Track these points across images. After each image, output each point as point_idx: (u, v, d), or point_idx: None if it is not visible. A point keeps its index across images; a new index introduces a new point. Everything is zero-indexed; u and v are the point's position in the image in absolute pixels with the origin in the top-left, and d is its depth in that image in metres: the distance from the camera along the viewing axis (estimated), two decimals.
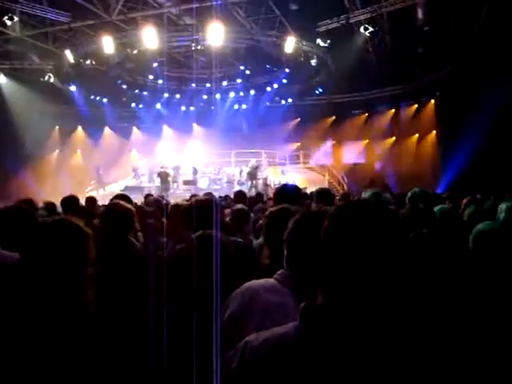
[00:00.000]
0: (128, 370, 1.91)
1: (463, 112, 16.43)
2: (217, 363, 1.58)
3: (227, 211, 5.05)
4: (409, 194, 4.60)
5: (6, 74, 19.80)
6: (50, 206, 6.30)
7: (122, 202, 3.92)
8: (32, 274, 1.80)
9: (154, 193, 16.21)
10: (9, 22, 14.93)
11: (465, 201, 5.77)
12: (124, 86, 23.19)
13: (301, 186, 7.97)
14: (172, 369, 2.05)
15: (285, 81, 22.55)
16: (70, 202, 5.03)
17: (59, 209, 5.98)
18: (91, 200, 7.19)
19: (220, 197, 10.31)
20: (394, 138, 23.24)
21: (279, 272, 2.04)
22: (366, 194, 4.69)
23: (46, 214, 5.31)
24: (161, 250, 3.46)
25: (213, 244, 2.26)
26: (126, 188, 21.63)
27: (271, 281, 2.04)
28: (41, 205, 6.28)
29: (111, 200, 4.59)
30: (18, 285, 1.83)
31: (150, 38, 16.13)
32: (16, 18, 15.08)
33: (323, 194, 4.52)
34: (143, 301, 3.03)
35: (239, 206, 4.79)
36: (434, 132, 21.63)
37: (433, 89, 20.25)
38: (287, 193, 3.76)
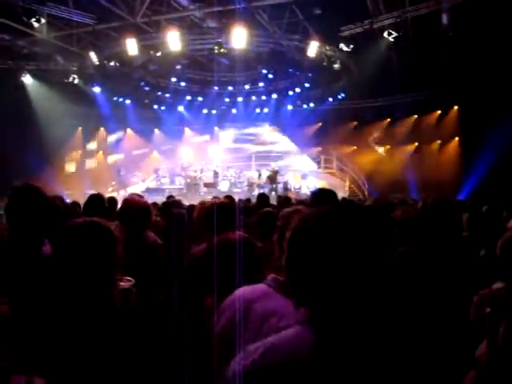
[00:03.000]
0: (149, 361, 1.94)
1: (487, 119, 16.21)
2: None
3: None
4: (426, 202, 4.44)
5: (31, 75, 20.07)
6: (74, 206, 6.40)
7: (138, 198, 3.95)
8: (62, 270, 1.83)
9: (176, 195, 16.30)
10: (36, 24, 15.13)
11: (483, 209, 5.54)
12: (147, 88, 23.37)
13: None
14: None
15: (307, 85, 22.51)
16: (95, 201, 5.05)
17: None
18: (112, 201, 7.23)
19: (240, 199, 10.29)
20: (416, 144, 23.01)
21: (269, 277, 2.03)
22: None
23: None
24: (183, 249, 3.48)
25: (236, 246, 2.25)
26: (147, 189, 21.82)
27: (262, 286, 2.02)
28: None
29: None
30: (50, 278, 1.86)
31: (173, 40, 16.23)
32: (43, 20, 15.27)
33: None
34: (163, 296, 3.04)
35: (267, 209, 4.69)
36: (457, 139, 21.38)
37: (456, 95, 20.01)
38: (324, 197, 3.69)
